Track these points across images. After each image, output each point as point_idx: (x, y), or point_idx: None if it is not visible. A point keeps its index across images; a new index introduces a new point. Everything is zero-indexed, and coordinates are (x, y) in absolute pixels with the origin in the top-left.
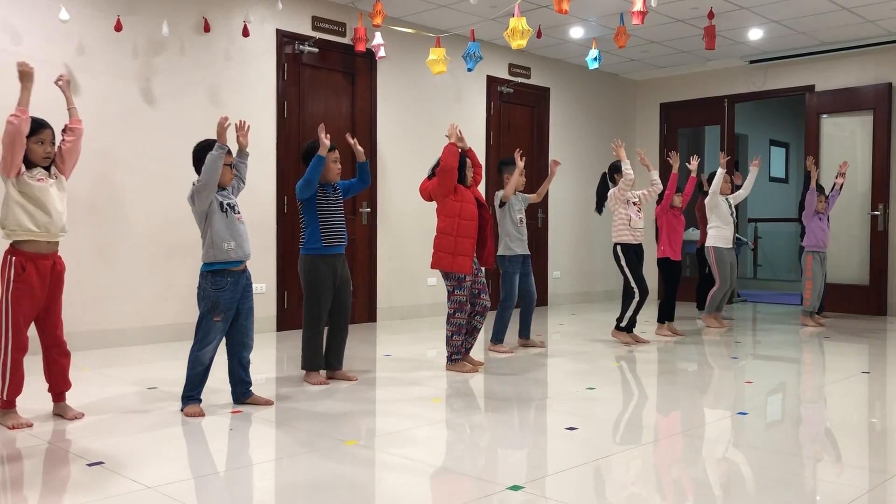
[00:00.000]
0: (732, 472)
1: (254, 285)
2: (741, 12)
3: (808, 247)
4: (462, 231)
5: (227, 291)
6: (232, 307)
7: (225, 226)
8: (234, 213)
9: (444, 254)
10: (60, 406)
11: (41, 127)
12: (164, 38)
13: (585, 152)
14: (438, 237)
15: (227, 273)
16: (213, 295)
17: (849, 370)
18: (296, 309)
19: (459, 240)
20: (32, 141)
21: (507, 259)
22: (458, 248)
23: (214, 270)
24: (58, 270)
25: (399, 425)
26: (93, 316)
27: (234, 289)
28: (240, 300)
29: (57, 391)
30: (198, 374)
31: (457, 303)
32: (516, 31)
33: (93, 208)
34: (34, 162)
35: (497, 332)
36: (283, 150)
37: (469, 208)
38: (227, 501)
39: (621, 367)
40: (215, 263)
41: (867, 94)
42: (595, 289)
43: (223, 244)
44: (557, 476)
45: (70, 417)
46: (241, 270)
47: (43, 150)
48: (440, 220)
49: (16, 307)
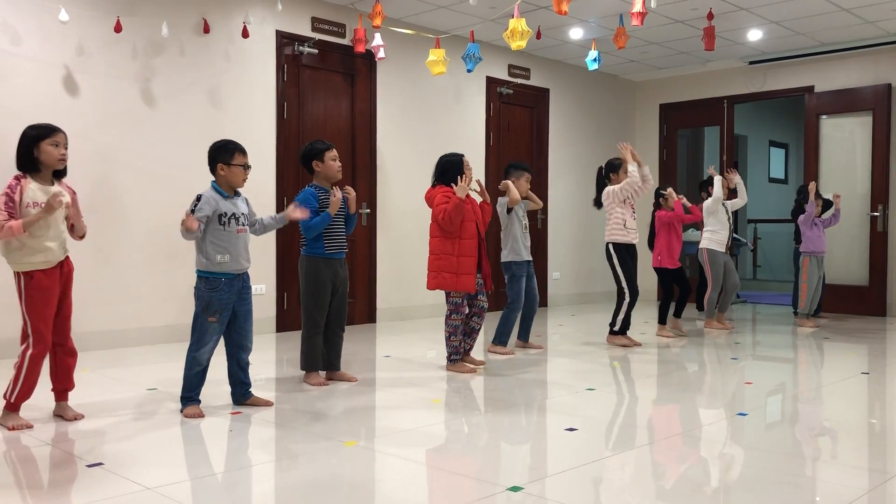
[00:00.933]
0: (732, 473)
1: (253, 286)
2: (740, 13)
3: (806, 251)
4: (463, 251)
5: (220, 292)
6: (227, 308)
7: (220, 239)
8: (237, 224)
9: (447, 274)
10: (61, 406)
11: (55, 130)
12: (163, 39)
13: (585, 153)
14: (438, 257)
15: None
16: (206, 295)
17: (848, 371)
18: (295, 310)
19: (462, 259)
20: (48, 143)
21: (515, 264)
22: (461, 268)
23: (207, 276)
24: (66, 270)
25: (398, 426)
26: (93, 316)
27: (228, 290)
28: (237, 303)
29: (60, 389)
30: (195, 375)
31: (453, 304)
32: (516, 32)
33: (92, 209)
34: (49, 164)
35: (500, 334)
36: (282, 150)
37: (469, 227)
38: (226, 502)
39: (621, 367)
40: (207, 271)
41: (866, 94)
42: (594, 290)
43: (216, 256)
44: (557, 477)
45: (70, 418)
46: (236, 274)
47: (58, 153)
48: (439, 241)
49: (33, 314)
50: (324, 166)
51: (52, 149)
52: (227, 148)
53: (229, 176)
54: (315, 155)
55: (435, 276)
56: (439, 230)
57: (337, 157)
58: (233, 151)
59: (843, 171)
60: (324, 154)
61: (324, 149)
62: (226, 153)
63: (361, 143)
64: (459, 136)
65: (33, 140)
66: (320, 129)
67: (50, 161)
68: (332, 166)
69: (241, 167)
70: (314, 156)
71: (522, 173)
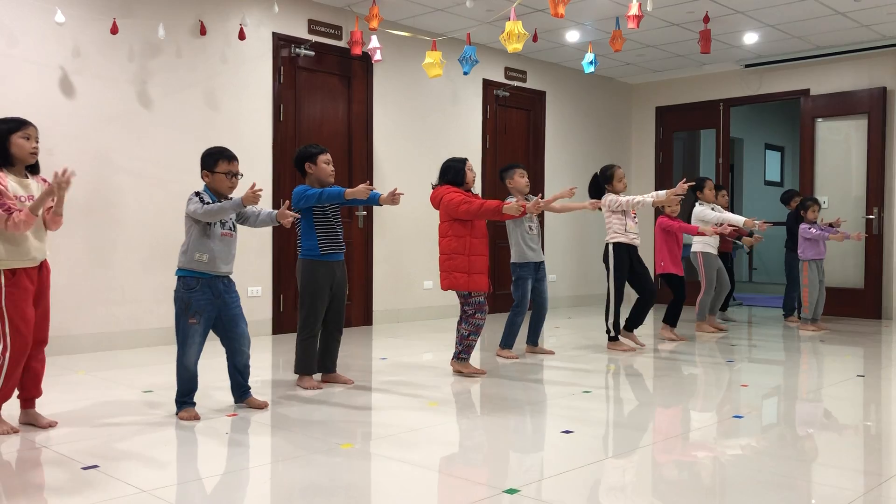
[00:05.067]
0: (728, 476)
1: (249, 289)
2: (736, 16)
3: (805, 257)
4: (475, 250)
5: (197, 292)
6: (207, 310)
7: (204, 239)
8: (222, 228)
9: (459, 273)
10: (30, 413)
11: (25, 123)
12: (160, 40)
13: (581, 156)
14: (450, 257)
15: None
16: (184, 296)
17: (844, 373)
18: (291, 312)
19: (473, 258)
20: (19, 136)
21: (520, 266)
22: (472, 267)
23: (184, 276)
24: (45, 272)
25: (395, 428)
26: (87, 318)
27: (206, 290)
28: (223, 308)
29: (27, 397)
30: (187, 380)
31: (477, 304)
32: (512, 35)
33: (88, 210)
34: (21, 158)
35: (506, 337)
36: (278, 152)
37: (480, 225)
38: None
39: (617, 370)
40: (185, 270)
41: (862, 98)
42: (591, 292)
43: (195, 254)
44: (553, 479)
45: (43, 425)
46: (214, 275)
47: (30, 146)
48: (450, 241)
49: (12, 311)
50: (316, 169)
51: (24, 142)
52: (212, 154)
53: (213, 183)
54: (308, 158)
55: (447, 276)
56: (451, 230)
57: (330, 160)
58: (216, 158)
59: (838, 174)
60: (317, 157)
61: (317, 152)
62: (209, 160)
63: (358, 145)
64: (456, 138)
65: (4, 134)
66: (317, 131)
67: (22, 154)
68: (324, 169)
69: (224, 175)
70: (307, 158)
71: (514, 170)
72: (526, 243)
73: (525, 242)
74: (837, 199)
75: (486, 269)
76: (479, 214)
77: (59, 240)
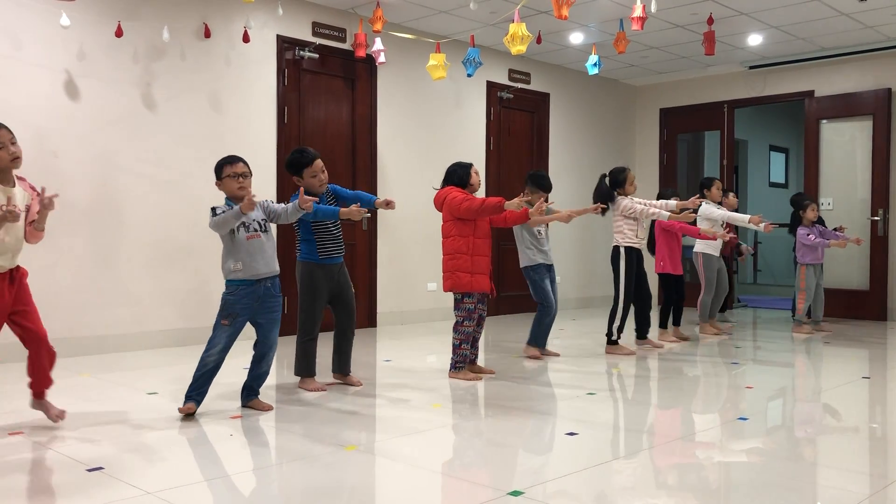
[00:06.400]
0: (733, 478)
1: None
2: (741, 18)
3: (803, 261)
4: (478, 250)
5: (237, 296)
6: (242, 314)
7: (232, 247)
8: (247, 231)
9: (462, 273)
10: (41, 403)
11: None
12: (164, 43)
13: (585, 158)
14: (453, 257)
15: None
16: (226, 298)
17: (849, 375)
18: (292, 315)
19: (476, 258)
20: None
21: (531, 269)
22: (475, 267)
23: (228, 283)
24: (18, 276)
25: (399, 430)
26: (92, 320)
27: (246, 296)
28: (259, 312)
29: (36, 389)
30: (202, 376)
31: (466, 310)
32: (516, 37)
33: (92, 213)
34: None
35: (535, 336)
36: (283, 155)
37: (483, 225)
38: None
39: (621, 372)
40: (227, 279)
41: (867, 99)
42: (596, 294)
43: (229, 264)
44: (557, 481)
45: (53, 416)
46: (255, 280)
47: (7, 153)
48: (453, 241)
49: None
50: (304, 182)
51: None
52: (217, 164)
53: (224, 189)
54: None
55: (449, 276)
56: (454, 229)
57: (318, 172)
58: (221, 166)
59: (843, 176)
60: (303, 171)
61: (305, 164)
62: (216, 170)
63: (362, 147)
64: (460, 140)
65: None
66: (321, 134)
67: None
68: (311, 183)
69: (230, 177)
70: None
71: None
72: (535, 246)
73: (534, 246)
74: (842, 201)
75: (489, 270)
76: (481, 211)
77: (64, 241)
